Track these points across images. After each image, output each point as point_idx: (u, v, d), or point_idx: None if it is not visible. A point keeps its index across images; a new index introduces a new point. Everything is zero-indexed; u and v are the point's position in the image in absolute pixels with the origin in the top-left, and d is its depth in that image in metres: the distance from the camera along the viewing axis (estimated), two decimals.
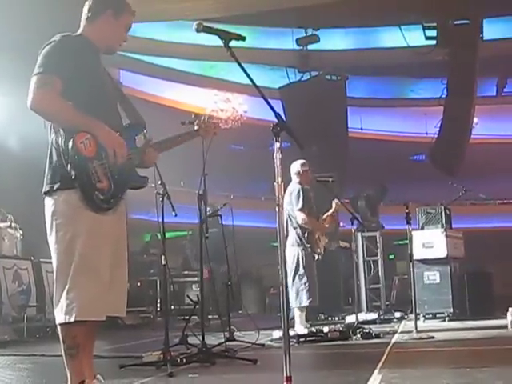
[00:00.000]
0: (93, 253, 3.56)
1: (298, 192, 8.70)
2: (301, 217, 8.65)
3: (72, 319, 3.48)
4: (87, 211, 3.55)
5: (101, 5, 3.89)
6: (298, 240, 8.68)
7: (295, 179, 8.91)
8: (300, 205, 8.64)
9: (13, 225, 11.39)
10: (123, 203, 3.82)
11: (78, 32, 3.89)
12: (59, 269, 3.58)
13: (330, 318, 12.34)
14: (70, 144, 3.50)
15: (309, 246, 8.69)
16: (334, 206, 9.34)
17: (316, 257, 8.81)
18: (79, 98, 3.61)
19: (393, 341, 7.94)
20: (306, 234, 8.71)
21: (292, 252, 8.62)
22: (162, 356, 6.38)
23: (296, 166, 8.90)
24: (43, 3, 10.98)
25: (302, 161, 8.95)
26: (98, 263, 3.57)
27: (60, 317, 3.53)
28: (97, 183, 3.56)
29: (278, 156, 3.44)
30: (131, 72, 19.83)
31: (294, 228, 8.70)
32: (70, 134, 3.53)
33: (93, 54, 3.85)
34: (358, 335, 8.20)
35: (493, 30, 18.32)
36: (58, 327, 3.58)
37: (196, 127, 4.24)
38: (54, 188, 3.59)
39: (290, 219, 8.70)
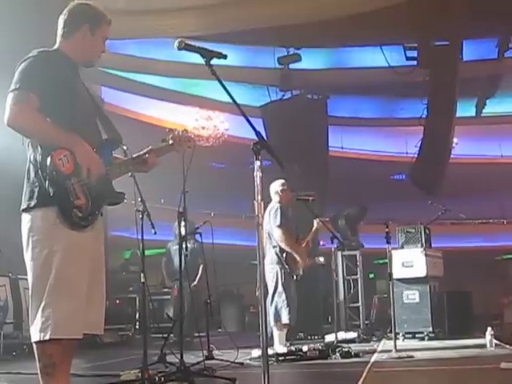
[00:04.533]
0: (69, 270, 3.52)
1: (277, 210, 8.68)
2: (277, 234, 8.61)
3: (47, 337, 3.43)
4: (64, 228, 3.52)
5: (77, 20, 3.84)
6: (277, 258, 8.65)
7: (275, 199, 8.90)
8: (278, 222, 8.62)
9: None
10: (101, 220, 3.80)
11: (55, 47, 3.86)
12: (35, 286, 3.54)
13: (309, 337, 12.32)
14: (48, 160, 3.47)
15: (287, 265, 8.65)
16: (315, 225, 9.32)
17: (295, 277, 8.77)
18: (57, 113, 3.58)
19: (372, 360, 7.93)
20: (284, 254, 8.67)
21: (271, 270, 8.59)
22: (140, 374, 6.34)
23: (275, 186, 8.89)
24: (29, 18, 10.97)
25: (281, 181, 8.94)
26: (74, 281, 3.54)
27: (35, 335, 3.48)
28: (75, 200, 3.53)
29: (258, 174, 3.44)
30: (113, 89, 19.83)
31: (274, 247, 8.66)
32: (47, 151, 3.51)
33: (70, 69, 3.82)
34: (337, 354, 8.17)
35: (472, 51, 18.53)
36: (34, 345, 3.53)
37: (170, 141, 4.22)
38: (32, 205, 3.56)
39: (270, 237, 8.68)
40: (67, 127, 3.58)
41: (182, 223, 7.49)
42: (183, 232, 10.74)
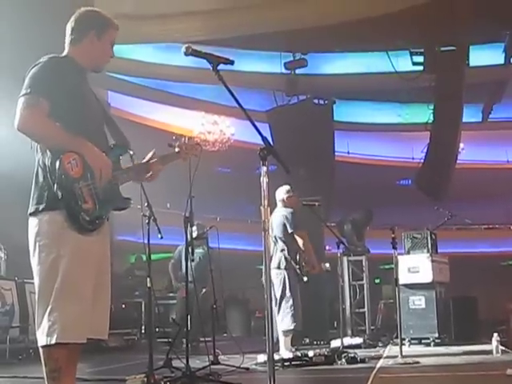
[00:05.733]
0: (76, 274, 3.53)
1: (292, 215, 8.70)
2: (300, 240, 8.64)
3: (53, 341, 3.44)
4: (71, 232, 3.53)
5: (83, 26, 3.87)
6: (285, 263, 8.63)
7: (280, 205, 8.88)
8: (294, 227, 8.63)
9: None
10: (107, 224, 3.80)
11: (64, 53, 3.89)
12: (41, 290, 3.55)
13: (315, 342, 12.29)
14: (57, 164, 3.49)
15: (298, 266, 8.63)
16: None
17: (305, 279, 8.73)
18: (66, 118, 3.60)
19: (378, 366, 7.90)
20: (297, 255, 8.65)
21: (278, 275, 8.56)
22: (145, 379, 6.33)
23: (281, 193, 8.88)
24: (36, 23, 11.02)
25: (286, 187, 8.92)
26: (81, 285, 3.54)
27: (41, 339, 3.49)
28: (83, 204, 3.54)
29: (264, 180, 3.44)
30: (119, 93, 19.89)
31: (281, 250, 8.64)
32: (56, 154, 3.52)
33: (79, 75, 3.84)
34: (343, 360, 8.15)
35: (478, 56, 18.52)
36: (40, 349, 3.53)
37: (177, 149, 4.24)
38: (40, 209, 3.57)
39: (277, 241, 8.67)
40: (76, 132, 3.59)
41: (190, 228, 7.49)
42: (189, 237, 10.76)
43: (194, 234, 10.52)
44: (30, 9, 11.17)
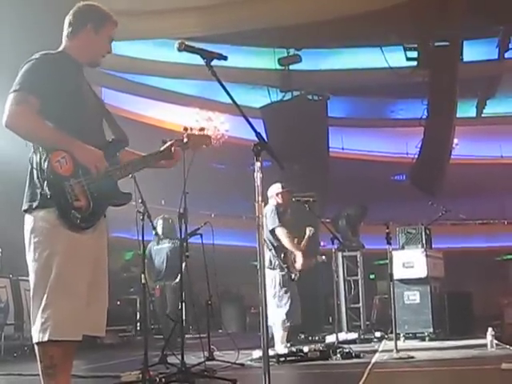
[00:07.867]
0: (69, 272, 3.52)
1: (272, 211, 8.64)
2: (280, 233, 8.56)
3: (46, 338, 3.43)
4: (65, 230, 3.52)
5: (80, 20, 3.84)
6: (274, 262, 8.58)
7: (271, 202, 8.86)
8: (277, 222, 8.57)
9: None
10: (104, 221, 3.78)
11: (60, 48, 3.86)
12: (36, 287, 3.54)
13: (310, 338, 12.29)
14: (46, 163, 3.48)
15: (285, 265, 8.59)
16: (307, 232, 9.26)
17: (292, 276, 8.70)
18: (58, 116, 3.58)
19: (373, 361, 7.91)
20: (282, 255, 8.62)
21: (269, 274, 8.51)
22: (140, 376, 6.33)
23: (272, 191, 8.84)
24: (36, 22, 11.00)
25: (277, 184, 8.86)
26: (74, 282, 3.53)
27: (35, 335, 3.49)
28: (74, 202, 3.52)
29: (258, 175, 3.43)
30: (113, 90, 19.85)
31: (269, 250, 8.59)
32: (46, 153, 3.51)
33: (74, 71, 3.81)
34: (338, 355, 8.15)
35: (472, 51, 18.55)
36: (35, 346, 3.53)
37: (185, 139, 4.19)
38: (33, 206, 3.55)
39: (265, 241, 8.60)
40: (69, 129, 3.57)
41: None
42: (160, 231, 10.69)
43: (159, 229, 10.44)
44: (30, 9, 11.16)
